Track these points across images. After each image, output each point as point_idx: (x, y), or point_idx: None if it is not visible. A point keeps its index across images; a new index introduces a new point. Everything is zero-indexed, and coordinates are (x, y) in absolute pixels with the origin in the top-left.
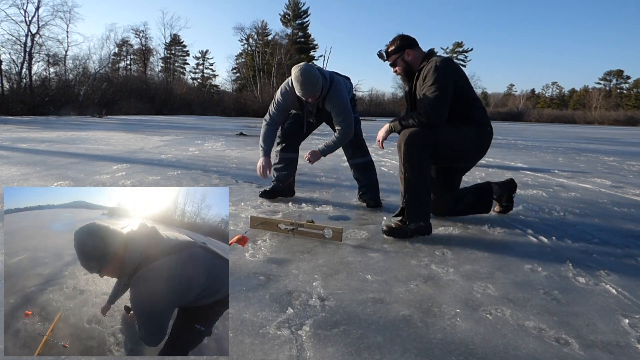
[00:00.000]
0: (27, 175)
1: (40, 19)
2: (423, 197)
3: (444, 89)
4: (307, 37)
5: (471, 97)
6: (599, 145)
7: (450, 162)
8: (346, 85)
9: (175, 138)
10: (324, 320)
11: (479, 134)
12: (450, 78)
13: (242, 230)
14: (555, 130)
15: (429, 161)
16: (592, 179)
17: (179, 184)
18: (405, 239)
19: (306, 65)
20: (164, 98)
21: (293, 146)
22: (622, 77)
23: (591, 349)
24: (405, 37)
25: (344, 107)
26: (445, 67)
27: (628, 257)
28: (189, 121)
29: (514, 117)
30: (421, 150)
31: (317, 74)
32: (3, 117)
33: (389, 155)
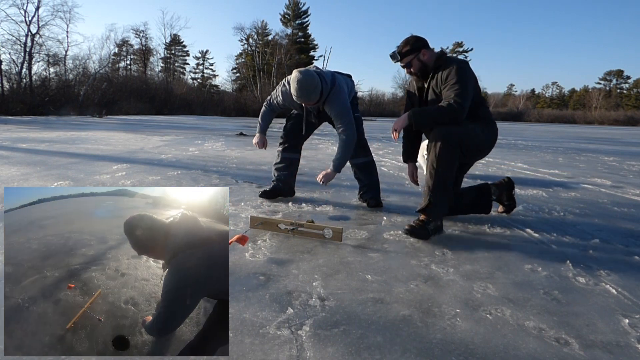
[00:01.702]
0: (27, 175)
1: (40, 19)
2: (448, 194)
3: (467, 88)
4: (307, 37)
5: (481, 99)
6: (599, 145)
7: (471, 157)
8: (347, 85)
9: (175, 138)
10: (324, 320)
11: (492, 130)
12: (471, 79)
13: (242, 230)
14: (555, 130)
15: (459, 159)
16: (592, 179)
17: (179, 184)
18: (428, 239)
19: (307, 72)
20: (164, 98)
21: (295, 147)
22: (622, 77)
23: (591, 349)
24: (419, 38)
25: (343, 110)
26: (467, 69)
27: (628, 257)
28: (189, 121)
29: (514, 117)
30: (456, 147)
31: (316, 82)
32: (3, 117)
33: (389, 155)
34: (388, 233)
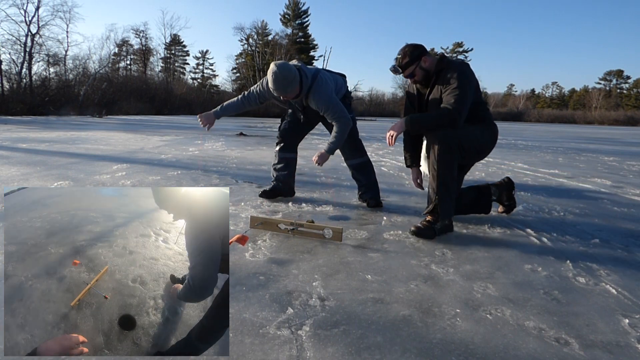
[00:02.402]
0: (27, 175)
1: (40, 19)
2: (453, 194)
3: (466, 93)
4: (307, 37)
5: (481, 101)
6: (599, 145)
7: (471, 158)
8: (336, 82)
9: (175, 138)
10: (324, 320)
11: (492, 131)
12: (472, 83)
13: (242, 230)
14: (555, 130)
15: (458, 160)
16: (592, 179)
17: (179, 184)
18: (433, 239)
19: (281, 66)
20: (164, 98)
21: (291, 146)
22: (622, 77)
23: (591, 349)
24: (416, 46)
25: (327, 101)
26: (468, 72)
27: (628, 257)
28: (189, 121)
29: (514, 117)
30: (455, 149)
31: (292, 75)
32: (3, 117)
33: (389, 155)
34: (388, 233)
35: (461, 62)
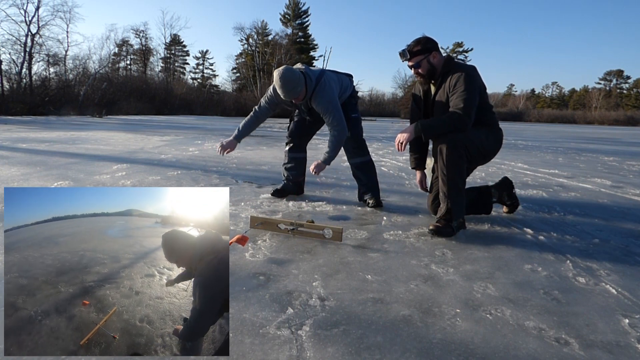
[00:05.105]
0: (27, 175)
1: (40, 19)
2: (463, 194)
3: (474, 97)
4: (307, 37)
5: (487, 105)
6: (599, 145)
7: (475, 162)
8: (342, 83)
9: (175, 138)
10: (324, 320)
11: (497, 135)
12: (478, 87)
13: (242, 230)
14: (555, 130)
15: (466, 162)
16: (592, 179)
17: (179, 184)
18: (451, 237)
19: (286, 70)
20: (164, 98)
21: (301, 146)
22: (622, 77)
23: (591, 349)
24: (430, 39)
25: (328, 105)
26: (476, 76)
27: (628, 257)
28: (189, 121)
29: (514, 117)
30: (462, 151)
31: (297, 77)
32: (3, 117)
33: (389, 155)
34: (388, 233)
35: (468, 65)
